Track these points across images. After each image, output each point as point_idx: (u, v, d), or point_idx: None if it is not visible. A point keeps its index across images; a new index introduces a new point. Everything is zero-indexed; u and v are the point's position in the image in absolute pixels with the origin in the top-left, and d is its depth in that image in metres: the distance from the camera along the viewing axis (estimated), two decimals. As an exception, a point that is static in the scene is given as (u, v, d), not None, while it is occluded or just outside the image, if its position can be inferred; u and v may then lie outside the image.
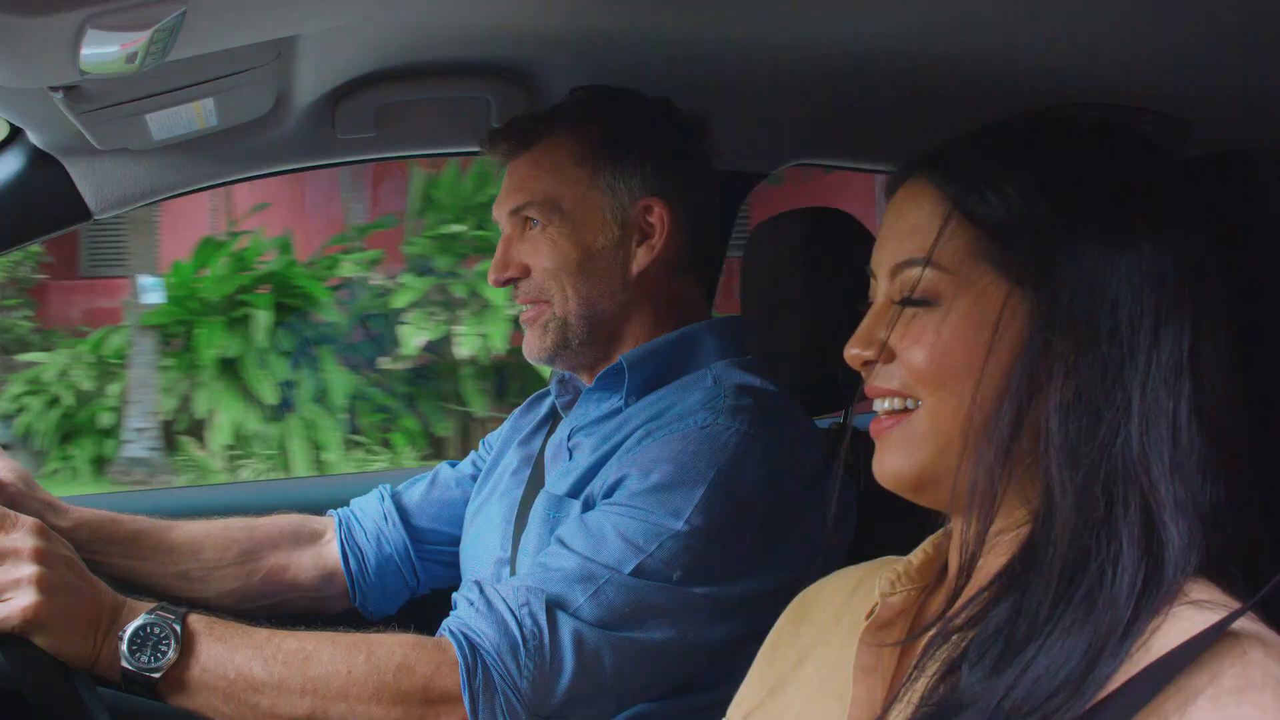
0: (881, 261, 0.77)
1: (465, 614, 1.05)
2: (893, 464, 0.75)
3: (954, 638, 0.69)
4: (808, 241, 1.55)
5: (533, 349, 1.27)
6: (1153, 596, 0.64)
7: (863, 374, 0.77)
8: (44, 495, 1.25)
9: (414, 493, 1.44)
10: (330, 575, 1.39)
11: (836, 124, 1.56)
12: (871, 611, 0.77)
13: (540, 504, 1.21)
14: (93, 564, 1.06)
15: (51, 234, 1.37)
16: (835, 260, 1.54)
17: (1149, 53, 1.11)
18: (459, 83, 1.36)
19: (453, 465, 1.48)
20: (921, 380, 0.73)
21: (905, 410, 0.74)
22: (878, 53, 1.20)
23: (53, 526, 1.05)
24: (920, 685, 0.69)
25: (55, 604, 0.96)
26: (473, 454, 1.48)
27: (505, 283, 1.27)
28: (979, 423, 0.70)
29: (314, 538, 1.40)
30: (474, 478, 1.43)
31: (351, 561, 1.39)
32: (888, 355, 0.74)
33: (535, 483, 1.30)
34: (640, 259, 1.25)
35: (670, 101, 1.29)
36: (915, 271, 0.73)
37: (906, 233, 0.75)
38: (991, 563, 0.71)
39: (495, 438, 1.46)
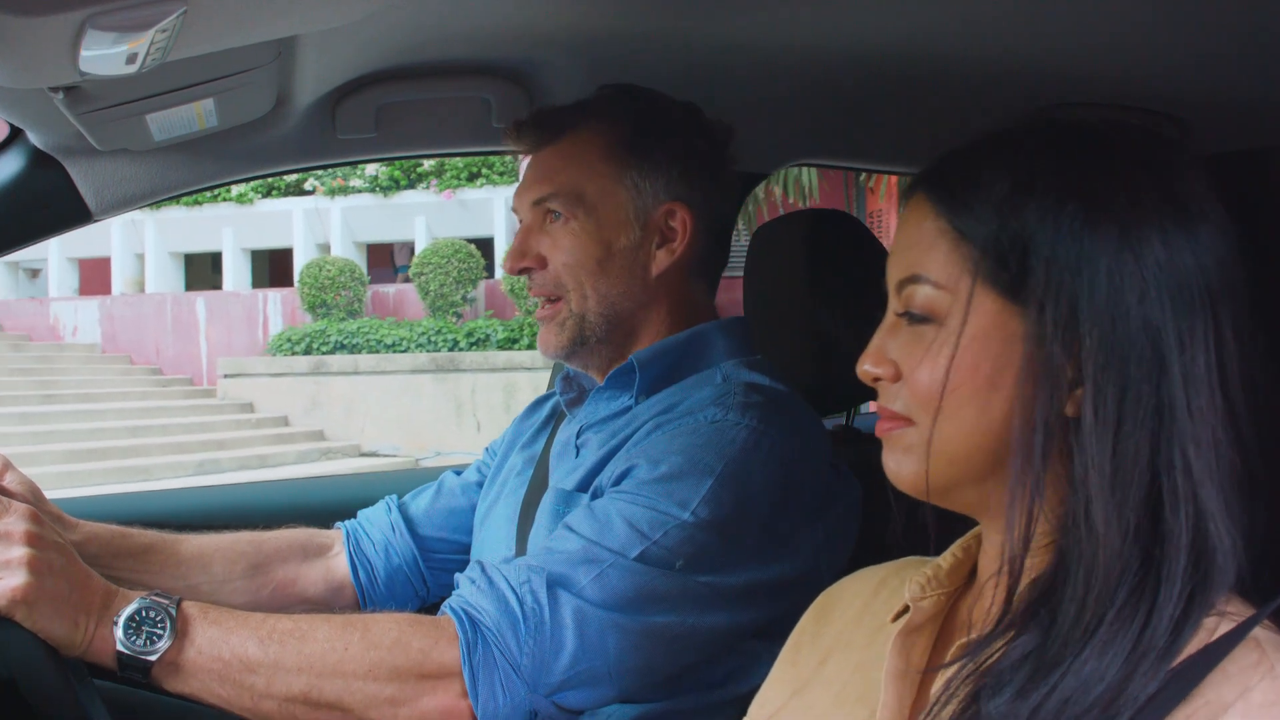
0: (891, 276, 0.76)
1: (467, 591, 1.05)
2: (893, 467, 0.75)
3: (983, 656, 0.68)
4: (810, 244, 1.55)
5: (549, 345, 1.26)
6: (1194, 614, 0.63)
7: (876, 389, 0.76)
8: (51, 509, 1.25)
9: (420, 502, 1.45)
10: (339, 588, 1.39)
11: (838, 124, 1.56)
12: (900, 614, 0.76)
13: (549, 500, 1.22)
14: (103, 578, 1.06)
15: (51, 235, 1.36)
16: (838, 262, 1.54)
17: (1150, 53, 1.11)
18: (459, 83, 1.36)
19: (457, 473, 1.48)
20: (922, 404, 0.72)
21: (906, 418, 0.73)
22: (879, 53, 1.20)
23: None
24: (948, 711, 0.67)
25: (45, 586, 0.96)
26: (477, 461, 1.48)
27: (520, 272, 1.26)
28: (996, 446, 0.69)
29: (322, 550, 1.40)
30: (479, 485, 1.44)
31: (361, 573, 1.39)
32: (895, 374, 0.74)
33: (538, 481, 1.30)
34: (660, 261, 1.25)
35: (699, 108, 1.29)
36: (914, 288, 0.73)
37: (907, 247, 0.74)
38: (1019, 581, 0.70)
39: (498, 444, 1.47)
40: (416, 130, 1.48)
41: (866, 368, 0.76)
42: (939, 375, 0.70)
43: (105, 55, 0.72)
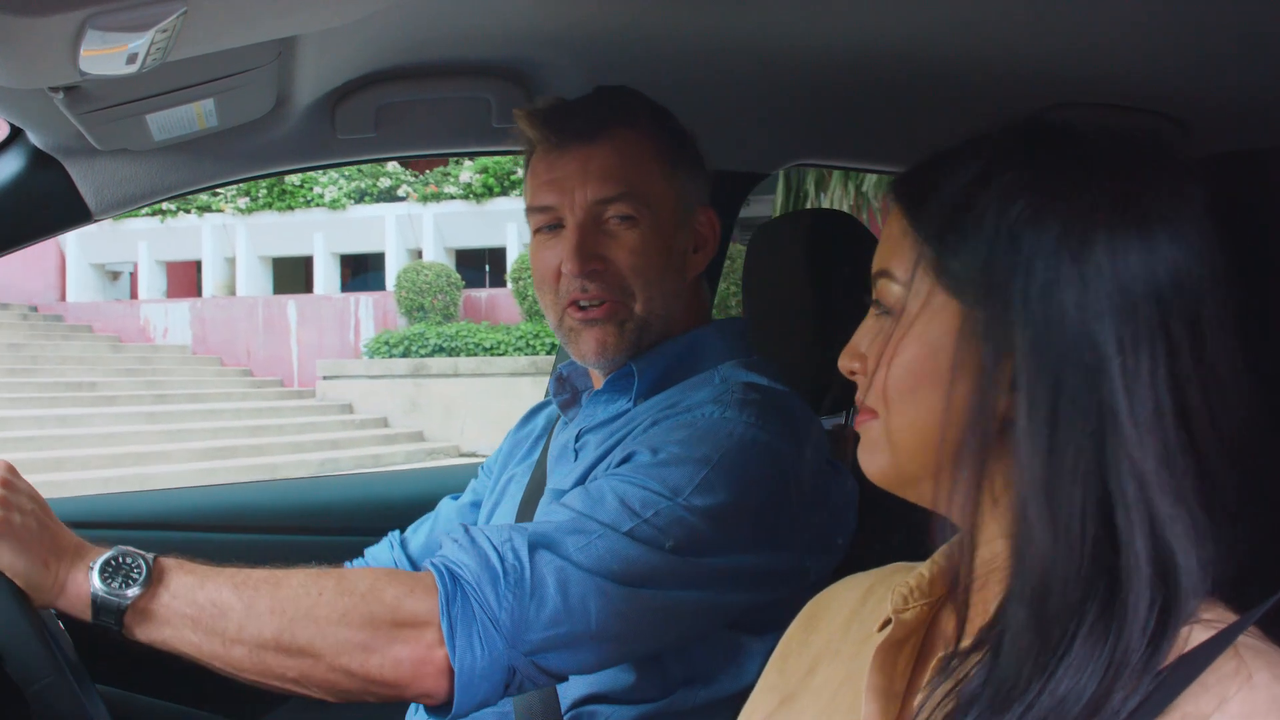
0: (872, 272, 0.78)
1: (448, 549, 1.05)
2: (863, 459, 0.76)
3: (958, 673, 0.67)
4: (809, 243, 1.55)
5: (608, 348, 1.22)
6: (1170, 626, 0.62)
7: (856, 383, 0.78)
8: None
9: (419, 535, 1.44)
10: None
11: (838, 124, 1.56)
12: (884, 625, 0.75)
13: (546, 500, 1.22)
14: None
15: (51, 235, 1.37)
16: (836, 261, 1.54)
17: (1149, 53, 1.11)
18: (459, 83, 1.36)
19: (454, 499, 1.48)
20: (881, 395, 0.73)
21: (874, 411, 0.75)
22: (878, 53, 1.20)
23: None
24: None
25: (13, 522, 0.97)
26: (472, 482, 1.48)
27: (589, 274, 1.21)
28: (942, 446, 0.68)
29: None
30: (475, 505, 1.44)
31: None
32: (867, 367, 0.75)
33: (536, 484, 1.30)
34: (695, 265, 1.26)
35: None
36: (883, 283, 0.75)
37: (883, 245, 0.76)
38: (988, 595, 0.70)
39: (493, 461, 1.47)
40: (416, 130, 1.48)
41: (843, 362, 0.78)
42: (891, 367, 0.72)
43: (105, 55, 0.73)
